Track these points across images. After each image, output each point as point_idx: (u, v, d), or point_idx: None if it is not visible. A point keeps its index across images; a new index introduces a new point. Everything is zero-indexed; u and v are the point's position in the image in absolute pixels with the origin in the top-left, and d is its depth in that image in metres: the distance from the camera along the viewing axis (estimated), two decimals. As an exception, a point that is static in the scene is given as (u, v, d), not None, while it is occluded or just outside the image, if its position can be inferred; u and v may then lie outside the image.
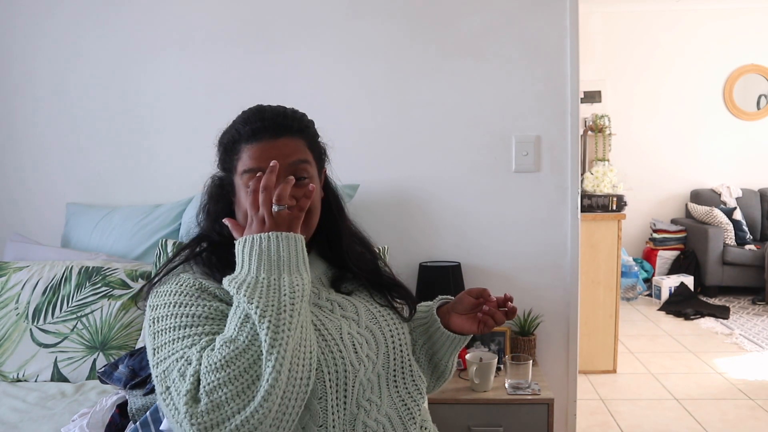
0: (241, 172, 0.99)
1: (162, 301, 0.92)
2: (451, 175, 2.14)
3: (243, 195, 0.98)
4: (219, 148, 1.07)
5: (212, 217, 1.05)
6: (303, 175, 1.00)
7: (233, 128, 1.03)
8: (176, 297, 0.91)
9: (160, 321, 0.90)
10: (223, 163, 1.06)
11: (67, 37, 2.23)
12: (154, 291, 0.96)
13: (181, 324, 0.88)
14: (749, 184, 5.40)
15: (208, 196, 1.09)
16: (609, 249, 3.31)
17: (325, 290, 1.05)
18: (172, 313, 0.89)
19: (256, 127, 0.99)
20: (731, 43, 5.39)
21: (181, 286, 0.93)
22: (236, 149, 1.01)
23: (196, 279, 0.94)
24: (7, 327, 1.81)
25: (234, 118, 1.05)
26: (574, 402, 2.17)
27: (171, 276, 0.97)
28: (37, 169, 2.30)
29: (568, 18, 2.06)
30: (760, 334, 3.96)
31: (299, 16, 2.14)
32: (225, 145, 1.04)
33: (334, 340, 0.95)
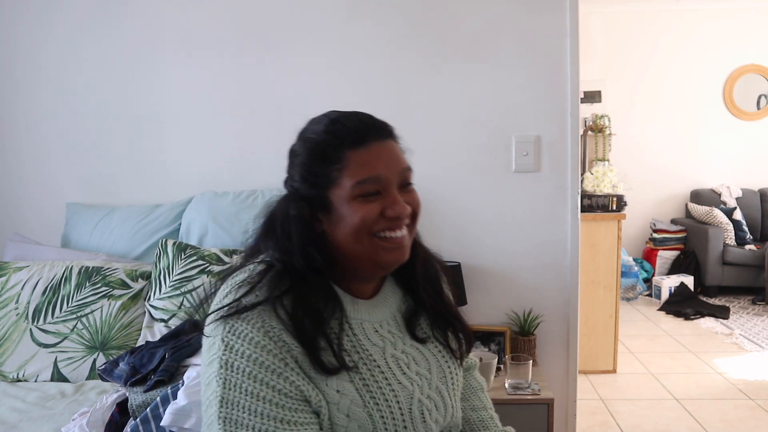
0: (352, 185, 0.84)
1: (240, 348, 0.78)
2: (451, 174, 2.14)
3: (348, 210, 0.84)
4: (307, 159, 0.88)
5: (298, 242, 0.86)
6: (410, 182, 0.90)
7: (329, 134, 0.86)
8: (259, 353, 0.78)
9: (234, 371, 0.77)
10: (315, 177, 0.86)
11: (69, 38, 2.23)
12: (229, 324, 0.80)
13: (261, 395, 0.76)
14: (749, 184, 5.40)
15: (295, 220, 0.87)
16: (609, 249, 3.31)
17: (401, 336, 0.93)
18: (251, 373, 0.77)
19: (362, 132, 0.86)
20: (731, 43, 5.39)
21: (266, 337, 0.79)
22: (338, 157, 0.85)
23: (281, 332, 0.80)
24: (7, 327, 1.81)
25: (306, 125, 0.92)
26: (574, 402, 2.17)
27: (254, 316, 0.80)
28: (38, 169, 2.30)
29: (568, 18, 2.06)
30: (760, 334, 3.96)
31: (300, 17, 2.14)
32: (320, 155, 0.86)
33: (402, 416, 0.85)
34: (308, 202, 0.87)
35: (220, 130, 2.20)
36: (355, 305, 0.91)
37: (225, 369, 0.78)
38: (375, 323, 0.91)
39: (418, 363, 0.92)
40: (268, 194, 2.04)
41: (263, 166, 2.15)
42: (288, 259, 0.86)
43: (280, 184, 0.96)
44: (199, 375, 1.30)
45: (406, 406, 0.86)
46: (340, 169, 0.85)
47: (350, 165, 0.85)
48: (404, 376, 0.89)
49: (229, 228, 2.00)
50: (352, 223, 0.85)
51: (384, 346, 0.90)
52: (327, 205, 0.86)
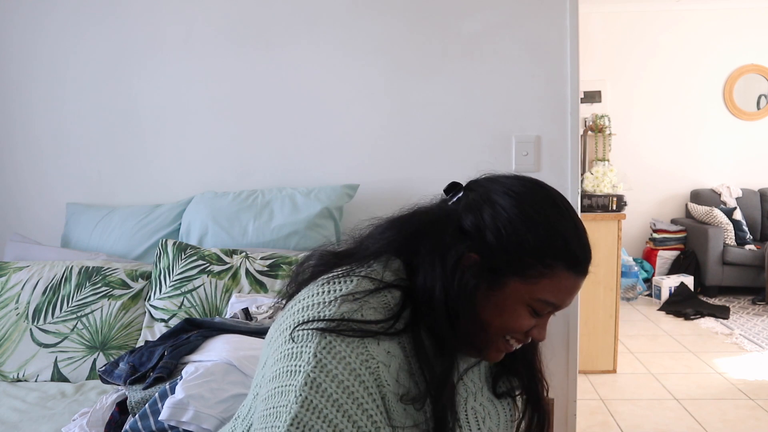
0: (537, 298, 0.78)
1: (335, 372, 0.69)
2: (451, 174, 2.11)
3: (513, 310, 0.78)
4: (524, 243, 0.78)
5: (459, 288, 0.76)
6: None
7: (560, 240, 0.79)
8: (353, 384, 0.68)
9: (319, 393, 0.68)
10: (514, 262, 0.78)
11: (66, 37, 2.23)
12: (329, 343, 0.70)
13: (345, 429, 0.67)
14: (749, 184, 5.40)
15: (454, 275, 0.76)
16: (609, 249, 3.31)
17: (480, 387, 0.88)
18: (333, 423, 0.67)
19: (582, 259, 0.81)
20: (731, 43, 5.39)
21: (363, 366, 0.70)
22: (549, 264, 0.77)
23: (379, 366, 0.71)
24: (7, 327, 1.81)
25: (556, 219, 0.82)
26: (574, 402, 2.17)
27: (357, 342, 0.71)
28: (37, 169, 2.30)
29: (568, 18, 2.06)
30: (760, 334, 3.96)
31: (299, 16, 2.14)
32: (538, 250, 0.78)
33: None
34: (483, 263, 0.78)
35: (220, 130, 2.20)
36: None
37: (310, 388, 0.68)
38: (460, 369, 0.84)
39: (492, 418, 0.87)
40: (268, 194, 2.04)
41: (263, 166, 2.15)
42: (428, 290, 0.76)
43: (281, 184, 0.93)
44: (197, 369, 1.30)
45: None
46: (542, 274, 0.77)
47: (552, 280, 0.78)
48: (478, 431, 0.83)
49: (229, 228, 2.00)
50: (506, 320, 0.79)
51: (467, 396, 0.84)
52: (497, 283, 0.78)
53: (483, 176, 0.87)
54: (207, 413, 1.21)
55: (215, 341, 1.42)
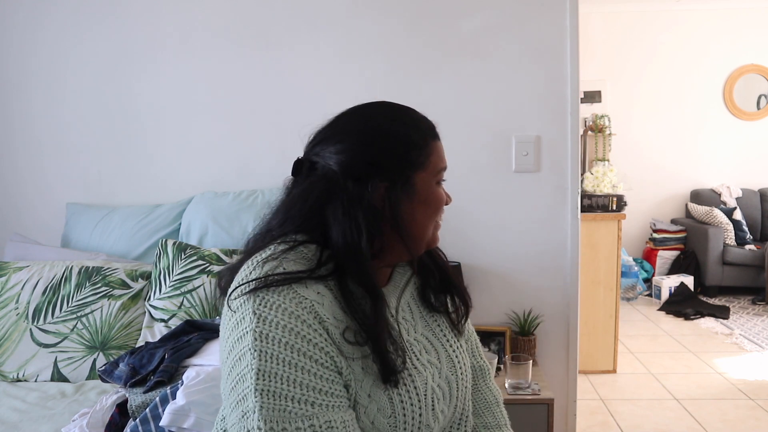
0: (437, 169, 0.93)
1: (274, 319, 0.75)
2: (451, 174, 2.10)
3: (435, 193, 0.93)
4: (401, 145, 0.89)
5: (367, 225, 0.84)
6: None
7: (414, 125, 0.93)
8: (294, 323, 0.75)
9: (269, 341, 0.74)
10: (400, 160, 0.89)
11: (66, 36, 2.23)
12: (260, 297, 0.77)
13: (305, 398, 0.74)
14: (749, 184, 5.40)
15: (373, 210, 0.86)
16: (609, 249, 3.31)
17: (413, 323, 0.94)
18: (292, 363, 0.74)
19: (433, 125, 0.97)
20: (731, 43, 5.39)
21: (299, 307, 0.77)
22: (426, 144, 0.92)
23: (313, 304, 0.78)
24: (7, 327, 1.81)
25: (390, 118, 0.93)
26: (574, 402, 2.17)
27: (284, 288, 0.78)
28: (37, 169, 2.30)
29: (568, 18, 2.06)
30: (760, 334, 3.96)
31: (299, 16, 2.14)
32: (413, 142, 0.90)
33: (419, 402, 0.85)
34: (389, 184, 0.87)
35: (220, 130, 2.20)
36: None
37: (260, 341, 0.74)
38: (392, 309, 0.91)
39: (429, 351, 0.92)
40: (268, 194, 2.04)
41: (263, 166, 2.15)
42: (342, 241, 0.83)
43: (281, 184, 0.94)
44: (198, 374, 1.30)
45: (422, 392, 0.86)
46: (428, 154, 0.92)
47: (434, 152, 0.93)
48: (418, 362, 0.89)
49: (229, 228, 2.00)
50: (436, 203, 0.93)
51: (399, 331, 0.90)
52: (411, 188, 0.89)
53: (308, 142, 0.94)
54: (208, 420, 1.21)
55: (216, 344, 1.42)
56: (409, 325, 0.93)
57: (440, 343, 0.95)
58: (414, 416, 0.83)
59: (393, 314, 0.91)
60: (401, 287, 0.96)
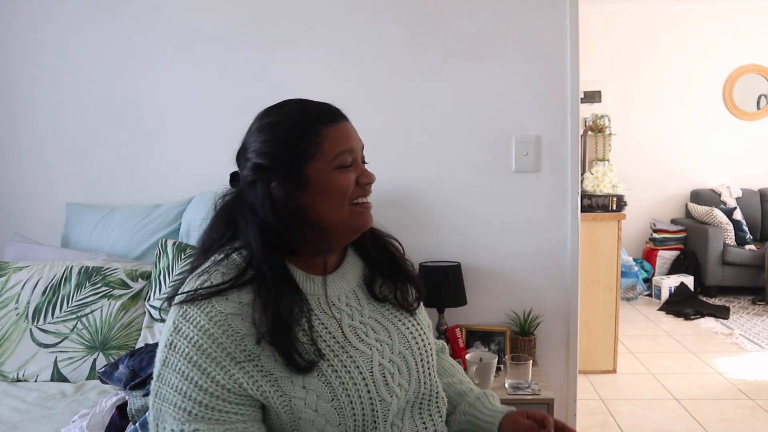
0: (334, 156, 0.90)
1: (186, 332, 0.82)
2: (452, 174, 2.15)
3: (332, 179, 0.90)
4: (290, 138, 0.91)
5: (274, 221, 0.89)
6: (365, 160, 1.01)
7: (304, 114, 0.93)
8: (201, 337, 0.81)
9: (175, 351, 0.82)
10: (290, 153, 0.90)
11: (67, 37, 2.23)
12: (182, 309, 0.84)
13: (192, 377, 0.81)
14: (749, 184, 5.40)
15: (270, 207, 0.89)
16: (609, 249, 3.31)
17: (359, 309, 0.97)
18: (189, 356, 0.81)
19: (328, 110, 0.95)
20: (731, 43, 5.39)
21: (211, 321, 0.82)
22: (316, 132, 0.91)
23: (227, 316, 0.82)
24: (7, 327, 1.81)
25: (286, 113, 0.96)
26: (574, 402, 2.17)
27: (206, 303, 0.83)
28: (38, 169, 2.30)
29: (568, 18, 2.06)
30: (760, 334, 3.96)
31: (299, 16, 2.14)
32: (300, 132, 0.91)
33: (364, 380, 0.88)
34: (281, 181, 0.91)
35: (220, 130, 2.20)
36: (310, 281, 0.94)
37: (168, 349, 0.83)
38: (332, 297, 0.95)
39: (377, 331, 0.96)
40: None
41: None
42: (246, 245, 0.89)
43: None
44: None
45: (367, 370, 0.90)
46: (319, 143, 0.91)
47: (328, 139, 0.92)
48: (362, 343, 0.93)
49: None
50: (337, 191, 0.91)
51: (341, 318, 0.94)
52: (305, 180, 0.91)
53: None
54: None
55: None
56: (354, 311, 0.96)
57: (391, 322, 0.99)
58: (361, 394, 0.87)
59: (335, 302, 0.95)
60: (348, 275, 1.00)
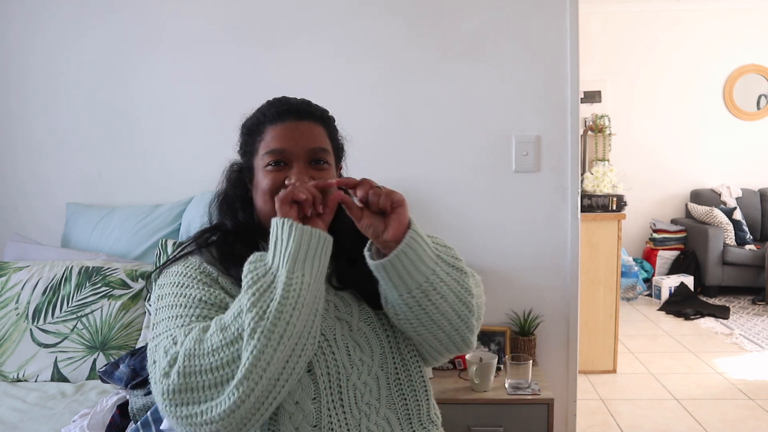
0: (263, 153, 1.00)
1: (167, 281, 0.96)
2: (451, 174, 2.14)
3: (261, 176, 0.99)
4: (242, 133, 1.08)
5: (229, 201, 1.06)
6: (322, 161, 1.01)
7: (258, 112, 1.05)
8: (180, 278, 0.95)
9: (162, 299, 0.94)
10: (245, 146, 1.06)
11: (66, 36, 2.23)
12: (164, 272, 0.99)
13: (178, 303, 0.91)
14: (749, 184, 5.40)
15: (227, 181, 1.09)
16: (609, 249, 3.31)
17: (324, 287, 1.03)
18: (174, 292, 0.93)
19: (282, 110, 1.02)
20: (731, 42, 5.39)
21: (187, 268, 0.96)
22: (260, 131, 1.02)
23: (202, 263, 0.97)
24: (7, 327, 1.81)
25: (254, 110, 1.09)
26: (574, 402, 2.17)
27: (180, 259, 0.99)
28: (37, 169, 2.30)
29: (568, 18, 2.06)
30: (760, 334, 3.96)
31: (299, 16, 2.14)
32: (249, 128, 1.05)
33: (327, 341, 0.96)
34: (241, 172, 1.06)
35: (220, 130, 2.19)
36: None
37: (156, 302, 0.96)
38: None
39: (338, 308, 1.01)
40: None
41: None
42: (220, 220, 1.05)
43: None
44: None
45: (331, 336, 0.96)
46: (260, 141, 1.01)
47: (265, 137, 1.01)
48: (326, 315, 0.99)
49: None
50: (262, 186, 0.99)
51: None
52: (252, 172, 1.02)
53: None
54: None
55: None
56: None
57: (354, 299, 1.03)
58: (325, 353, 0.94)
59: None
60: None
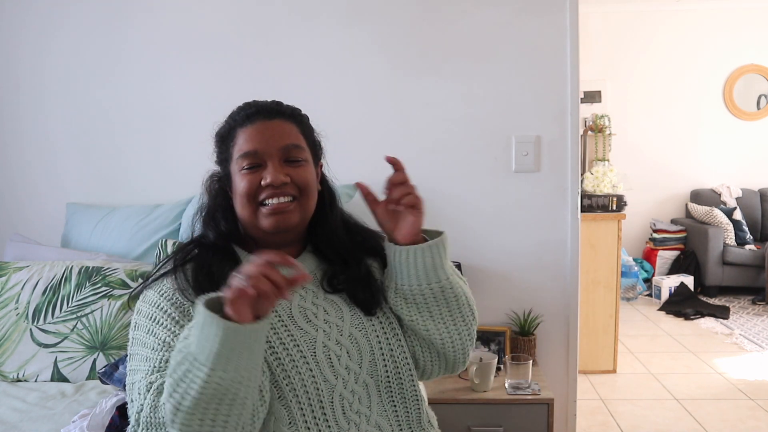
0: (237, 157, 0.99)
1: (143, 309, 0.96)
2: (451, 174, 2.14)
3: (238, 180, 0.98)
4: (216, 141, 1.07)
5: (210, 212, 1.05)
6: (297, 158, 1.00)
7: (229, 118, 1.04)
8: (153, 309, 0.94)
9: (137, 329, 0.95)
10: (220, 155, 1.06)
11: (72, 38, 2.23)
12: (142, 295, 0.99)
13: (148, 343, 0.92)
14: (749, 184, 5.40)
15: (206, 192, 1.08)
16: (609, 249, 3.31)
17: (314, 291, 1.02)
18: (146, 327, 0.94)
19: (251, 112, 1.00)
20: (731, 42, 5.39)
21: (161, 297, 0.95)
22: (232, 136, 1.01)
23: (174, 292, 0.95)
24: (7, 327, 1.81)
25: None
26: (574, 402, 2.17)
27: (156, 282, 0.98)
28: (38, 169, 2.30)
29: (567, 18, 2.06)
30: (760, 334, 3.96)
31: (299, 17, 2.14)
32: (221, 135, 1.05)
33: (305, 359, 0.92)
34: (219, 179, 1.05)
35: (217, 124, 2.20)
36: None
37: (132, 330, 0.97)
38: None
39: (329, 312, 0.99)
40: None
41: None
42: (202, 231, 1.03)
43: None
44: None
45: (309, 350, 0.94)
46: (233, 146, 1.00)
47: (238, 141, 1.00)
48: (308, 324, 0.97)
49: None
50: (239, 191, 0.98)
51: (292, 299, 0.99)
52: (229, 179, 1.02)
53: None
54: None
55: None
56: (308, 293, 1.01)
57: (346, 303, 1.02)
58: (300, 372, 0.91)
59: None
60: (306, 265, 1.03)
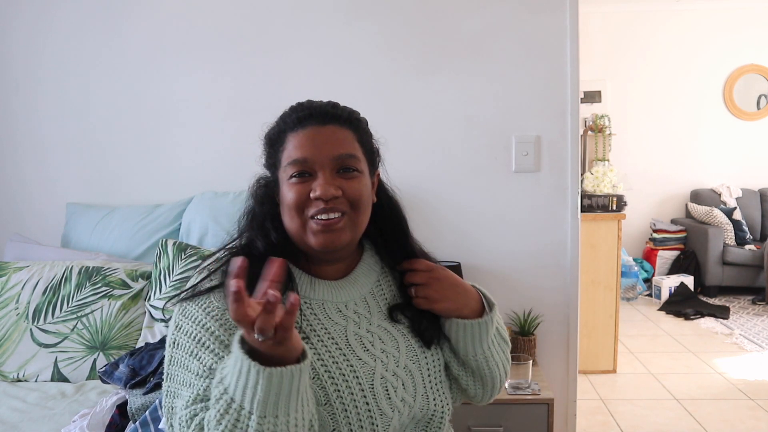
0: (285, 165, 0.90)
1: (186, 327, 0.85)
2: (451, 174, 2.14)
3: (286, 189, 0.90)
4: (264, 144, 0.96)
5: (258, 220, 0.95)
6: (351, 168, 0.91)
7: (280, 119, 0.95)
8: (198, 329, 0.84)
9: (177, 347, 0.85)
10: (269, 159, 0.96)
11: (70, 37, 2.23)
12: (184, 309, 0.87)
13: (192, 367, 0.82)
14: (749, 184, 5.40)
15: (253, 198, 0.97)
16: (609, 249, 3.31)
17: (368, 317, 0.95)
18: (189, 348, 0.83)
19: (303, 115, 0.91)
20: (731, 42, 5.39)
21: (208, 316, 0.84)
22: (281, 140, 0.92)
23: (224, 312, 0.84)
24: (7, 327, 1.81)
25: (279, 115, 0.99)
26: (574, 402, 2.17)
27: (204, 299, 0.86)
28: (38, 169, 2.30)
29: (567, 18, 2.06)
30: (760, 334, 3.96)
31: (299, 17, 2.14)
32: (270, 138, 0.95)
33: (362, 391, 0.87)
34: (268, 187, 0.95)
35: (220, 130, 2.20)
36: (315, 285, 0.93)
37: (171, 347, 0.86)
38: (339, 303, 0.93)
39: (385, 341, 0.93)
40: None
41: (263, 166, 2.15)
42: (250, 239, 0.94)
43: None
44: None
45: (367, 382, 0.87)
46: (282, 151, 0.91)
47: (287, 146, 0.91)
48: (366, 353, 0.90)
49: (230, 228, 2.00)
50: (287, 201, 0.89)
51: (346, 325, 0.92)
52: (277, 186, 0.93)
53: None
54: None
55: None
56: (361, 318, 0.94)
57: (401, 333, 0.95)
58: (357, 405, 0.85)
59: (342, 308, 0.93)
60: (360, 281, 0.97)
